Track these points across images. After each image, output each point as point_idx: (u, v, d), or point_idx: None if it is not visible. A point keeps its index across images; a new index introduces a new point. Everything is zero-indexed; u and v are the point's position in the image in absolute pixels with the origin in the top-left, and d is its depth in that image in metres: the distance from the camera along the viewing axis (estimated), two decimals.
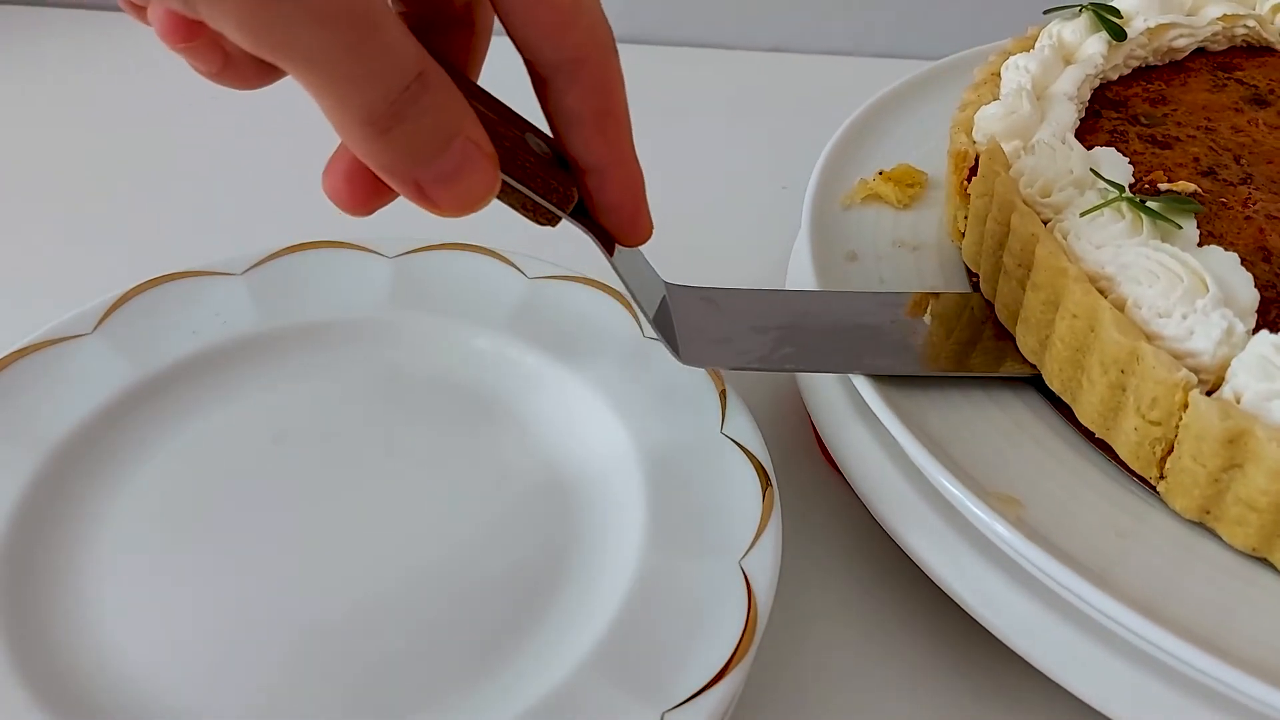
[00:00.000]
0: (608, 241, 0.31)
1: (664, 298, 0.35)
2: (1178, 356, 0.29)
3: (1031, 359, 0.34)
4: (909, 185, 0.44)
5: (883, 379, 0.33)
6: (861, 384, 0.33)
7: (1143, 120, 0.42)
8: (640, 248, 0.32)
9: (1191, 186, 0.37)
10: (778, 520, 0.32)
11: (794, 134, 0.46)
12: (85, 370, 0.36)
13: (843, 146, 0.46)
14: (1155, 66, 0.46)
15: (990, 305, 0.37)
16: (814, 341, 0.35)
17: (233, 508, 0.34)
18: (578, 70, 0.27)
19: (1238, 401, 0.28)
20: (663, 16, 0.72)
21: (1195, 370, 0.29)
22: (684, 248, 0.51)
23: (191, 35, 0.23)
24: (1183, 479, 0.29)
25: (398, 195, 0.26)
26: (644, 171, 0.30)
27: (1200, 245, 0.33)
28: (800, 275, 0.40)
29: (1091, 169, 0.35)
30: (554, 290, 0.40)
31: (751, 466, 0.34)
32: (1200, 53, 0.47)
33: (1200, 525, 0.30)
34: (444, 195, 0.25)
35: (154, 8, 0.23)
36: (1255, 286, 0.31)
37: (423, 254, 0.41)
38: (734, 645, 0.29)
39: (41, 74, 0.64)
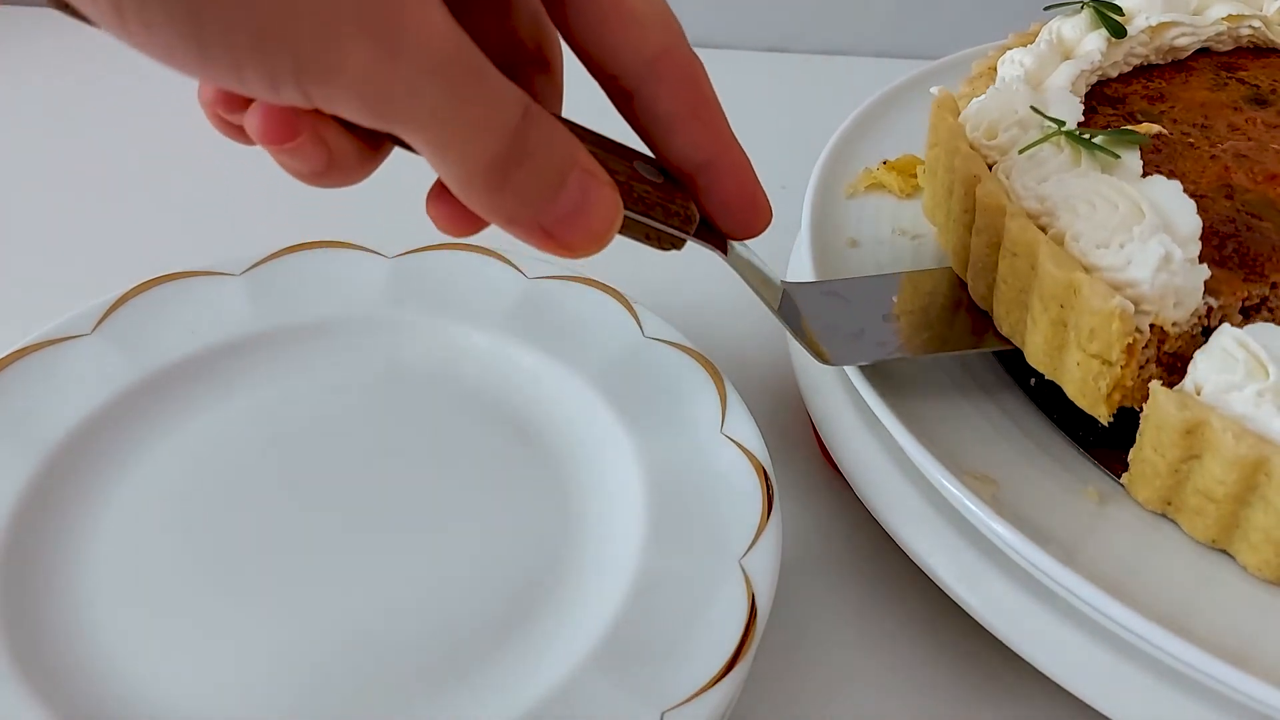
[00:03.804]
0: (720, 242, 0.30)
1: (784, 293, 0.34)
2: (1117, 287, 0.29)
3: (982, 305, 0.34)
4: (912, 175, 0.44)
5: (877, 366, 0.33)
6: (852, 371, 0.33)
7: (1139, 117, 0.42)
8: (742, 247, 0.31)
9: (1155, 128, 0.37)
10: (778, 520, 0.32)
11: (793, 134, 0.46)
12: (85, 370, 0.36)
13: (848, 137, 0.46)
14: (1158, 65, 0.46)
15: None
16: (946, 319, 0.34)
17: (232, 507, 0.34)
18: (663, 65, 0.27)
19: (1198, 393, 0.28)
20: None
21: (1135, 300, 0.29)
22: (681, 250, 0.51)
23: (294, 133, 0.23)
24: (1144, 470, 0.30)
25: None
26: None
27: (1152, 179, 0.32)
28: (801, 263, 0.40)
29: (1033, 107, 0.34)
30: (554, 290, 0.40)
31: (751, 466, 0.34)
32: (1205, 52, 0.47)
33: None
34: (571, 233, 0.24)
35: (253, 115, 0.23)
36: (1214, 222, 0.31)
37: (422, 254, 0.41)
38: (734, 645, 0.29)
39: (41, 74, 0.64)
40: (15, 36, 0.68)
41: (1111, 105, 0.42)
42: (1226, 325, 0.29)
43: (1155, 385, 0.29)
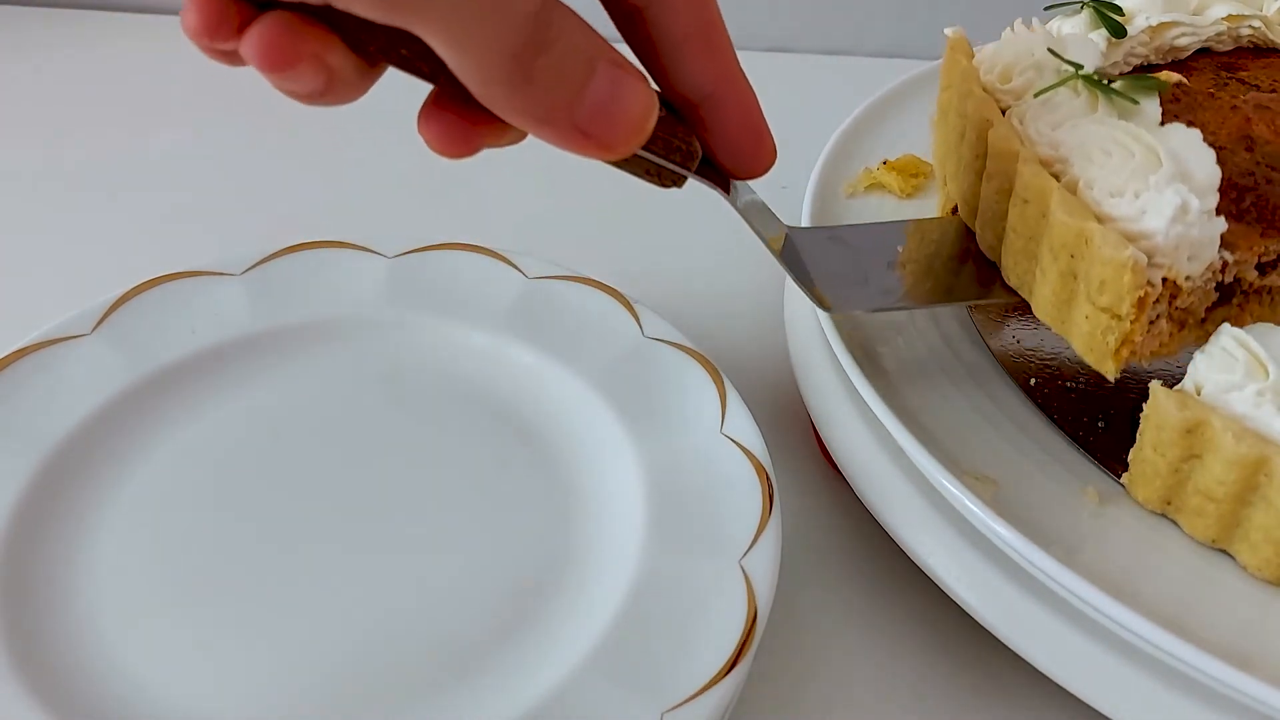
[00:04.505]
0: (723, 181, 0.29)
1: (788, 237, 0.33)
2: (1131, 238, 0.28)
3: (990, 255, 0.33)
4: (913, 175, 0.44)
5: (876, 366, 0.33)
6: (852, 370, 0.33)
7: None
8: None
9: (1177, 77, 0.35)
10: (778, 520, 0.32)
11: (793, 134, 0.45)
12: (84, 370, 0.36)
13: (848, 137, 0.46)
14: (1159, 65, 0.46)
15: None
16: (953, 269, 0.33)
17: (231, 507, 0.34)
18: None
19: (1198, 393, 0.28)
20: None
21: (1149, 253, 0.28)
22: (683, 248, 0.51)
23: (295, 59, 0.22)
24: (1144, 470, 0.30)
25: (492, 137, 0.25)
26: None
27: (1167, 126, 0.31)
28: None
29: (1050, 50, 0.33)
30: (554, 290, 0.40)
31: (751, 466, 0.34)
32: (1205, 53, 0.47)
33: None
34: (607, 128, 0.23)
35: (250, 42, 0.22)
36: (1233, 175, 0.30)
37: (422, 254, 0.41)
38: (734, 645, 0.29)
39: (42, 74, 0.64)
40: (15, 36, 0.68)
41: None
42: (1226, 325, 0.29)
43: (1155, 385, 0.29)
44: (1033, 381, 0.35)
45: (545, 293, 0.40)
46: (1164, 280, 0.28)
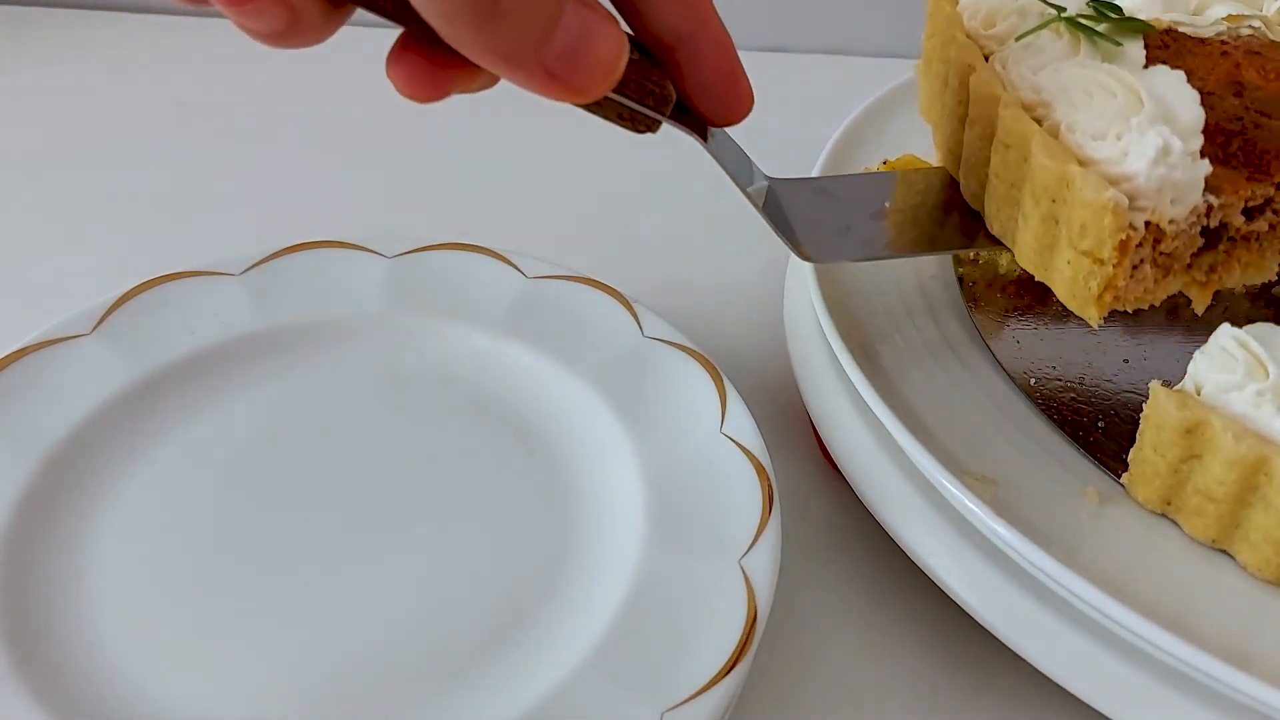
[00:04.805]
0: (700, 127, 0.28)
1: (769, 188, 0.32)
2: (1112, 181, 0.27)
3: (974, 204, 0.33)
4: None
5: (876, 366, 0.33)
6: (852, 370, 0.33)
7: None
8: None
9: (1165, 23, 0.35)
10: (778, 520, 0.32)
11: (793, 134, 0.46)
12: (84, 370, 0.36)
13: (848, 137, 0.46)
14: None
15: None
16: (937, 219, 0.33)
17: (230, 508, 0.34)
18: None
19: (1198, 393, 0.28)
20: None
21: (1131, 195, 0.27)
22: (682, 248, 0.51)
23: None
24: (1144, 470, 0.30)
25: (462, 80, 0.25)
26: (643, 172, 0.29)
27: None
28: (801, 265, 0.40)
29: None
30: (554, 290, 0.40)
31: (751, 466, 0.34)
32: None
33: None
34: (576, 71, 0.23)
35: None
36: (1221, 120, 0.29)
37: (422, 254, 0.41)
38: (734, 645, 0.29)
39: (42, 74, 0.64)
40: (15, 36, 0.68)
41: None
42: (1225, 325, 0.29)
43: (1155, 385, 0.29)
44: (1033, 381, 0.35)
45: (545, 293, 0.40)
46: (1147, 224, 0.28)
